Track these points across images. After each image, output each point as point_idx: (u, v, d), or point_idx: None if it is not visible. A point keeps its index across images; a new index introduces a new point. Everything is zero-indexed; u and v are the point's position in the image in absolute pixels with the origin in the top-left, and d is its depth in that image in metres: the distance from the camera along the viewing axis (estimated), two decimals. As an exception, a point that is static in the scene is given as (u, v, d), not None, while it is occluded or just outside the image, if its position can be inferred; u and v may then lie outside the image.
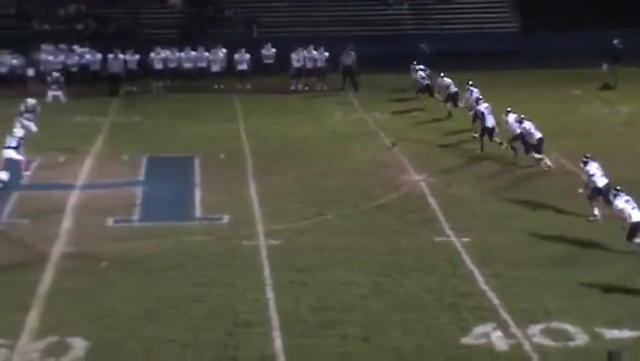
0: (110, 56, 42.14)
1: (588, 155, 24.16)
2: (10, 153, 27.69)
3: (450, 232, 22.71)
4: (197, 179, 27.77)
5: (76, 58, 43.12)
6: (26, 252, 21.71)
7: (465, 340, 17.05)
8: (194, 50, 43.22)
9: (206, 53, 43.13)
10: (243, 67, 42.66)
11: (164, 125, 35.13)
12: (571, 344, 16.91)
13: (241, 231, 23.06)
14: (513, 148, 28.76)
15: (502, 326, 17.54)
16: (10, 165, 27.24)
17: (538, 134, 27.99)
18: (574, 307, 18.29)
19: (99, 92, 41.06)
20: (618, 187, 21.77)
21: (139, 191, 26.50)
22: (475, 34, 51.27)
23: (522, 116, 28.86)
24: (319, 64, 42.69)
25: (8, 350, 16.73)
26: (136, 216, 24.47)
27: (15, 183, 26.41)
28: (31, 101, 33.42)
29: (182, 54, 43.11)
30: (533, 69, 44.92)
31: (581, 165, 24.12)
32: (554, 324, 17.59)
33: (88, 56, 43.10)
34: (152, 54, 42.61)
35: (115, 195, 26.19)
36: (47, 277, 20.11)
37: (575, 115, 36.24)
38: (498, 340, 17.04)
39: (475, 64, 44.50)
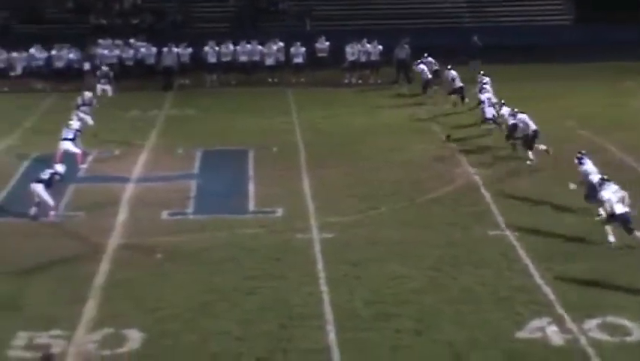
0: (164, 49, 42.43)
1: (583, 152, 24.01)
2: (68, 145, 27.97)
3: (504, 226, 22.56)
4: (251, 172, 27.85)
5: (132, 52, 43.43)
6: (82, 244, 21.93)
7: (520, 334, 16.94)
8: (249, 43, 43.29)
9: (260, 47, 43.18)
10: (299, 60, 42.72)
11: (217, 119, 35.29)
12: (627, 339, 16.75)
13: (294, 224, 23.09)
14: (512, 144, 28.81)
15: (558, 320, 17.40)
16: (67, 157, 27.55)
17: (533, 127, 27.82)
18: (630, 302, 18.09)
19: (154, 86, 41.37)
20: (605, 176, 21.76)
21: (193, 184, 26.64)
22: (529, 26, 50.87)
23: (516, 109, 28.78)
24: (373, 57, 42.59)
25: (65, 341, 16.91)
26: (190, 209, 24.60)
27: (71, 175, 26.72)
28: (87, 94, 33.78)
29: (238, 47, 43.17)
30: (587, 62, 44.45)
31: (576, 161, 23.85)
32: (610, 319, 17.42)
33: (143, 50, 43.38)
34: (206, 48, 42.77)
35: (169, 188, 26.36)
36: (103, 269, 20.32)
37: (625, 108, 35.77)
38: (553, 334, 16.91)
39: (529, 56, 44.28)
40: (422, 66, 38.90)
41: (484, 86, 33.01)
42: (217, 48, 42.92)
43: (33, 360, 15.17)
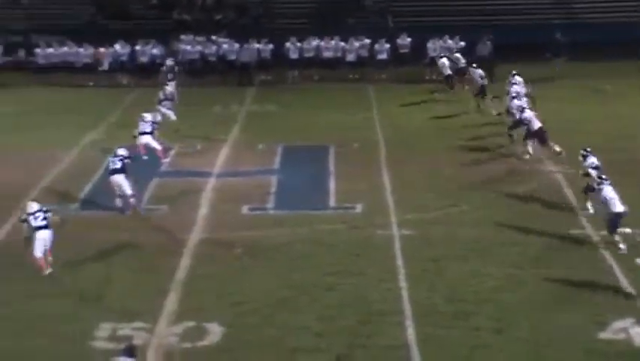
0: (245, 45, 42.83)
1: (588, 149, 23.65)
2: (147, 139, 28.28)
3: (587, 225, 22.29)
4: (332, 168, 27.91)
5: (214, 48, 43.80)
6: (165, 238, 22.20)
7: (603, 335, 16.74)
8: (332, 39, 43.41)
9: (342, 43, 43.27)
10: (383, 56, 42.76)
11: (298, 115, 35.40)
12: None
13: (374, 220, 23.10)
14: (510, 136, 29.05)
15: (642, 321, 17.19)
16: (149, 150, 27.98)
17: (537, 124, 27.74)
18: None
19: (235, 82, 41.68)
20: (603, 176, 21.59)
21: (274, 179, 26.80)
22: (615, 22, 49.96)
23: (525, 105, 28.80)
24: (455, 53, 42.30)
25: (147, 333, 17.17)
26: (271, 205, 24.74)
27: (154, 169, 27.13)
28: (169, 89, 34.10)
29: (322, 43, 43.32)
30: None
31: (580, 158, 23.56)
32: (698, 320, 17.15)
33: (225, 46, 43.70)
34: (288, 44, 43.00)
35: (250, 183, 26.53)
36: (185, 262, 20.56)
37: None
38: (637, 335, 16.69)
39: (615, 53, 43.51)
40: (444, 60, 38.71)
41: (513, 88, 31.67)
42: (299, 44, 43.12)
43: (116, 351, 15.39)
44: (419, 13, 49.58)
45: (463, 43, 42.19)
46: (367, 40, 43.10)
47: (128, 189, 23.84)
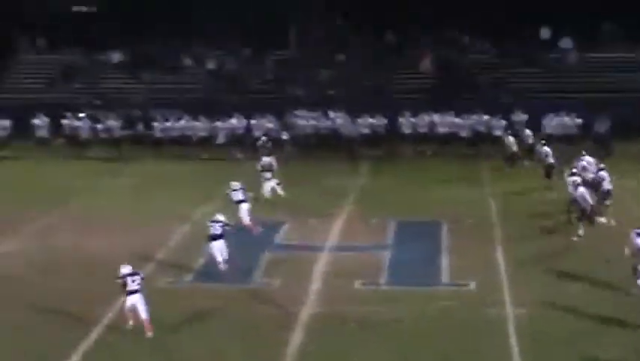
0: (358, 120, 43.27)
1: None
2: (244, 212, 28.79)
3: None
4: (444, 244, 27.70)
5: (328, 122, 44.23)
6: (276, 311, 22.20)
7: None
8: (446, 114, 43.51)
9: (456, 119, 43.32)
10: (498, 133, 42.50)
11: (411, 190, 35.32)
12: None
13: (487, 298, 22.77)
14: (569, 212, 28.80)
15: None
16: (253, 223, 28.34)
17: (590, 202, 27.69)
18: None
19: (348, 155, 41.93)
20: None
21: (386, 254, 26.69)
22: None
23: (579, 181, 28.52)
24: (570, 130, 41.96)
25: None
26: (383, 280, 24.62)
27: (267, 243, 27.34)
28: (266, 159, 34.63)
29: (435, 118, 43.46)
30: None
31: (634, 235, 22.60)
32: None
33: (339, 120, 44.10)
34: (401, 119, 43.21)
35: (362, 258, 26.45)
36: (296, 336, 20.51)
37: None
38: None
39: None
40: (510, 137, 38.83)
41: (574, 171, 30.82)
42: (412, 119, 43.30)
43: None
44: (535, 90, 49.16)
45: (579, 120, 41.77)
46: (484, 116, 43.09)
47: (225, 254, 24.31)
